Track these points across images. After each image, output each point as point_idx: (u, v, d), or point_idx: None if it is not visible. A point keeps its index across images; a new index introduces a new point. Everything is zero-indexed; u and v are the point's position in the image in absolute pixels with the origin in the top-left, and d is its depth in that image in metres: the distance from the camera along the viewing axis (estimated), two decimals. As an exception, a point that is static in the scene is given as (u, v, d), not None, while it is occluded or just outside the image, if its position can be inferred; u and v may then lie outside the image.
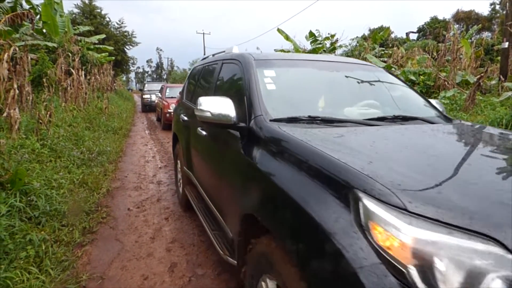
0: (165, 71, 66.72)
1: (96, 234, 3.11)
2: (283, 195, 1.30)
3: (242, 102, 1.94)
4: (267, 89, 1.97)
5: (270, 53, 3.41)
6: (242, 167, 1.79)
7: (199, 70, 3.58)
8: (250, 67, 2.10)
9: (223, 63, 2.70)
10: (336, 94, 2.23)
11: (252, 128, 1.76)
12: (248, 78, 2.03)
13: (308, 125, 1.71)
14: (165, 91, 11.67)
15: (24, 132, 4.53)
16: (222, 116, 1.85)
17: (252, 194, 1.59)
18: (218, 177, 2.28)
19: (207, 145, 2.64)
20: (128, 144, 7.75)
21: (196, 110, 1.93)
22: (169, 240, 3.03)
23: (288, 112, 1.85)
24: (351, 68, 2.53)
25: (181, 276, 2.46)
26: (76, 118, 7.06)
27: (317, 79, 2.33)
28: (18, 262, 2.29)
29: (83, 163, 4.85)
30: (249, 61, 2.18)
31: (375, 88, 2.38)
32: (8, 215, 2.66)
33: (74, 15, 23.34)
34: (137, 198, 4.13)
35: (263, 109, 1.78)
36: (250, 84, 1.97)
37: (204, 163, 2.72)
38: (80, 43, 12.05)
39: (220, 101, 1.90)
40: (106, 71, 15.76)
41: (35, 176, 3.45)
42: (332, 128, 1.70)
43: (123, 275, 2.47)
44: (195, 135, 2.83)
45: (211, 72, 2.99)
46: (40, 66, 7.80)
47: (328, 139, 1.50)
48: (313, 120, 1.78)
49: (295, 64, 2.43)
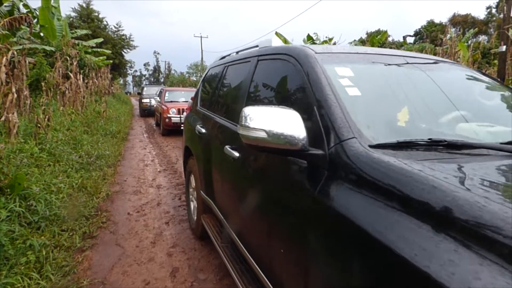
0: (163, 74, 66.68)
1: (97, 239, 3.08)
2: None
3: (306, 116, 1.29)
4: (349, 96, 1.33)
5: (325, 46, 2.47)
6: (316, 218, 1.14)
7: (219, 71, 2.91)
8: (313, 64, 1.46)
9: (258, 60, 2.04)
10: (431, 102, 1.53)
11: (336, 157, 1.13)
12: (314, 79, 1.39)
13: (430, 154, 1.10)
14: (164, 94, 11.21)
15: (22, 136, 4.51)
16: (285, 138, 1.16)
17: (341, 264, 0.99)
18: (265, 222, 1.57)
19: (241, 172, 1.91)
20: (126, 148, 7.72)
21: (241, 128, 1.25)
22: (170, 245, 3.01)
23: (390, 132, 1.27)
24: (438, 67, 1.82)
25: (183, 281, 2.45)
26: (75, 122, 7.04)
27: (403, 81, 1.61)
28: (19, 267, 2.26)
29: (82, 167, 4.83)
30: (309, 55, 1.53)
31: (473, 94, 1.77)
32: (8, 220, 2.64)
33: (71, 18, 23.32)
34: (137, 202, 4.10)
35: (354, 128, 1.15)
36: (321, 88, 1.33)
37: (236, 195, 2.01)
38: (77, 46, 12.03)
39: (281, 114, 1.20)
40: (104, 75, 15.74)
41: (34, 180, 3.43)
42: (476, 162, 1.06)
43: (124, 280, 2.45)
44: (221, 154, 2.13)
45: (239, 73, 2.35)
46: (38, 70, 7.78)
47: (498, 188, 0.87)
48: (434, 144, 1.14)
49: (370, 59, 1.69)
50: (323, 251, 1.09)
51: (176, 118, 9.33)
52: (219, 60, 3.14)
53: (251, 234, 1.80)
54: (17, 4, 9.15)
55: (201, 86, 3.48)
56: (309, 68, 1.46)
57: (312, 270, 1.14)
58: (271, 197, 1.53)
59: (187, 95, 10.96)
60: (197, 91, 3.55)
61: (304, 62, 1.51)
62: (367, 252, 0.88)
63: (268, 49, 2.03)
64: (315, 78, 1.40)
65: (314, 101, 1.33)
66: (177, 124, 9.20)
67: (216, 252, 2.84)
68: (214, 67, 3.19)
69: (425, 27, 32.85)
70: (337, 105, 1.24)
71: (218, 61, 3.17)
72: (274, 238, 1.47)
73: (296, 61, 1.57)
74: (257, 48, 2.27)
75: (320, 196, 1.12)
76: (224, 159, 2.08)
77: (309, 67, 1.47)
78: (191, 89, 13.66)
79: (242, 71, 2.27)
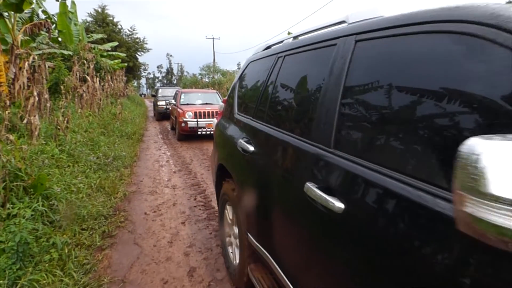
0: (175, 76, 67.52)
1: (115, 238, 3.15)
2: None
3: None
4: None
5: None
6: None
7: (267, 65, 2.12)
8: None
9: (356, 41, 1.25)
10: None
11: None
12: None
13: None
14: (180, 97, 10.39)
15: (43, 138, 4.65)
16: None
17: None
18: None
19: (344, 236, 1.09)
20: (142, 148, 7.86)
21: (469, 201, 0.58)
22: (186, 244, 3.05)
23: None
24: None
25: (201, 281, 2.48)
26: (92, 123, 7.21)
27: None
28: (43, 264, 2.34)
29: (99, 167, 4.95)
30: None
31: None
32: (32, 219, 2.73)
33: (87, 23, 23.91)
34: (153, 202, 4.17)
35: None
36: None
37: (329, 267, 1.19)
38: (93, 50, 12.32)
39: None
40: (119, 77, 16.05)
41: (55, 180, 3.54)
42: None
43: (143, 279, 2.50)
44: (294, 193, 1.42)
45: (310, 64, 1.63)
46: (57, 74, 8.01)
47: None
48: None
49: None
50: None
51: (192, 122, 8.70)
52: (264, 51, 2.39)
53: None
54: (36, 10, 9.44)
55: (237, 86, 2.76)
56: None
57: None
58: None
59: (205, 97, 10.62)
60: (232, 92, 2.81)
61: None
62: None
63: (385, 21, 1.15)
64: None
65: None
66: (193, 129, 8.70)
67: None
68: (257, 61, 2.44)
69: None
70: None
71: (262, 52, 2.42)
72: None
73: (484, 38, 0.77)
74: (346, 25, 1.42)
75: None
76: (303, 203, 1.27)
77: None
78: (209, 90, 13.18)
79: (316, 61, 1.54)
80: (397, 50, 1.05)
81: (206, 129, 8.71)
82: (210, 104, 9.91)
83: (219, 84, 25.67)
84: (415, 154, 0.88)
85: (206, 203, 4.16)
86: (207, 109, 8.86)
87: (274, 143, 1.71)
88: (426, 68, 0.92)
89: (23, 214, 2.59)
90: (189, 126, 8.68)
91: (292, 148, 1.50)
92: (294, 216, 1.45)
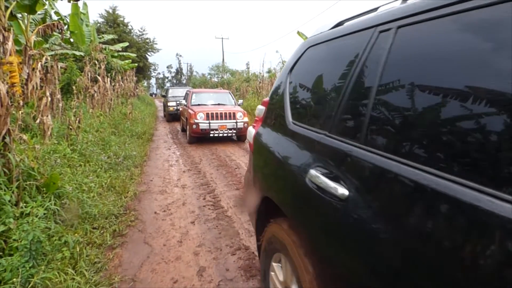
0: (185, 76, 67.93)
1: (126, 237, 3.17)
2: None
3: None
4: None
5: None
6: None
7: (361, 43, 1.27)
8: None
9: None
10: None
11: None
12: None
13: None
14: (191, 97, 9.86)
15: (56, 138, 4.72)
16: None
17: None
18: None
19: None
20: (151, 148, 7.92)
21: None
22: (196, 244, 3.05)
23: None
24: None
25: (210, 281, 2.47)
26: (103, 123, 7.30)
27: None
28: (55, 263, 2.37)
29: (110, 167, 5.00)
30: None
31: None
32: (44, 217, 2.77)
33: (99, 24, 24.24)
34: (163, 202, 4.19)
35: None
36: None
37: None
38: (105, 51, 12.47)
39: None
40: (129, 78, 16.24)
41: (67, 180, 3.58)
42: None
43: (153, 278, 2.51)
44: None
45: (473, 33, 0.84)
46: (69, 74, 8.13)
47: None
48: None
49: None
50: None
51: (204, 124, 8.22)
52: (341, 28, 1.56)
53: None
54: (49, 11, 9.61)
55: (287, 82, 1.96)
56: None
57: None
58: None
59: (217, 97, 10.13)
60: (278, 90, 2.04)
61: None
62: None
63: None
64: None
65: None
66: (205, 131, 8.26)
67: (244, 252, 2.85)
68: (326, 43, 1.65)
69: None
70: None
71: (336, 29, 1.59)
72: None
73: None
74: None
75: None
76: None
77: None
78: (221, 90, 12.31)
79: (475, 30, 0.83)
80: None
81: (218, 131, 8.38)
82: (222, 104, 9.60)
83: (228, 83, 25.74)
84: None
85: (215, 202, 4.16)
86: (219, 110, 8.52)
87: (404, 190, 0.91)
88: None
89: (36, 213, 2.62)
90: (200, 128, 8.22)
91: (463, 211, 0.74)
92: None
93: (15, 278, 2.05)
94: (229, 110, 8.57)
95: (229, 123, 8.42)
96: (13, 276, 2.07)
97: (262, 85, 19.58)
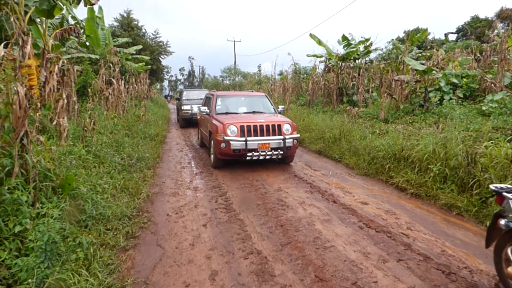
0: (197, 78, 68.51)
1: (139, 238, 3.18)
2: None
3: None
4: None
5: None
6: None
7: None
8: None
9: None
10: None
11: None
12: None
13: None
14: (215, 102, 7.02)
15: (71, 139, 4.80)
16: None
17: None
18: None
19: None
20: (164, 150, 7.98)
21: None
22: (208, 247, 3.03)
23: None
24: None
25: (222, 285, 2.44)
26: (117, 125, 7.40)
27: None
28: (70, 264, 2.39)
29: (123, 168, 5.05)
30: None
31: None
32: (59, 218, 2.80)
33: (113, 28, 24.68)
34: (175, 204, 4.20)
35: None
36: None
37: None
38: (119, 54, 12.69)
39: None
40: (143, 80, 16.46)
41: (82, 181, 3.63)
42: None
43: (165, 281, 2.50)
44: None
45: None
46: (85, 77, 8.30)
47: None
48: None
49: None
50: None
51: (238, 142, 5.64)
52: None
53: None
54: (66, 16, 9.84)
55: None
56: None
57: None
58: None
59: (251, 102, 7.23)
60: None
61: None
62: None
63: None
64: None
65: None
66: (239, 152, 5.70)
67: (256, 257, 2.82)
68: None
69: (469, 23, 30.82)
70: None
71: None
72: None
73: None
74: None
75: None
76: None
77: None
78: (255, 93, 8.18)
79: None
80: None
81: (259, 152, 5.72)
82: (259, 112, 6.81)
83: (240, 86, 25.81)
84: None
85: (227, 205, 4.14)
86: (259, 121, 5.89)
87: None
88: None
89: (51, 214, 2.65)
90: (232, 149, 5.66)
91: None
92: None
93: (30, 279, 2.07)
94: (272, 121, 5.96)
95: (273, 141, 5.80)
96: (29, 276, 2.10)
97: (274, 87, 19.54)
